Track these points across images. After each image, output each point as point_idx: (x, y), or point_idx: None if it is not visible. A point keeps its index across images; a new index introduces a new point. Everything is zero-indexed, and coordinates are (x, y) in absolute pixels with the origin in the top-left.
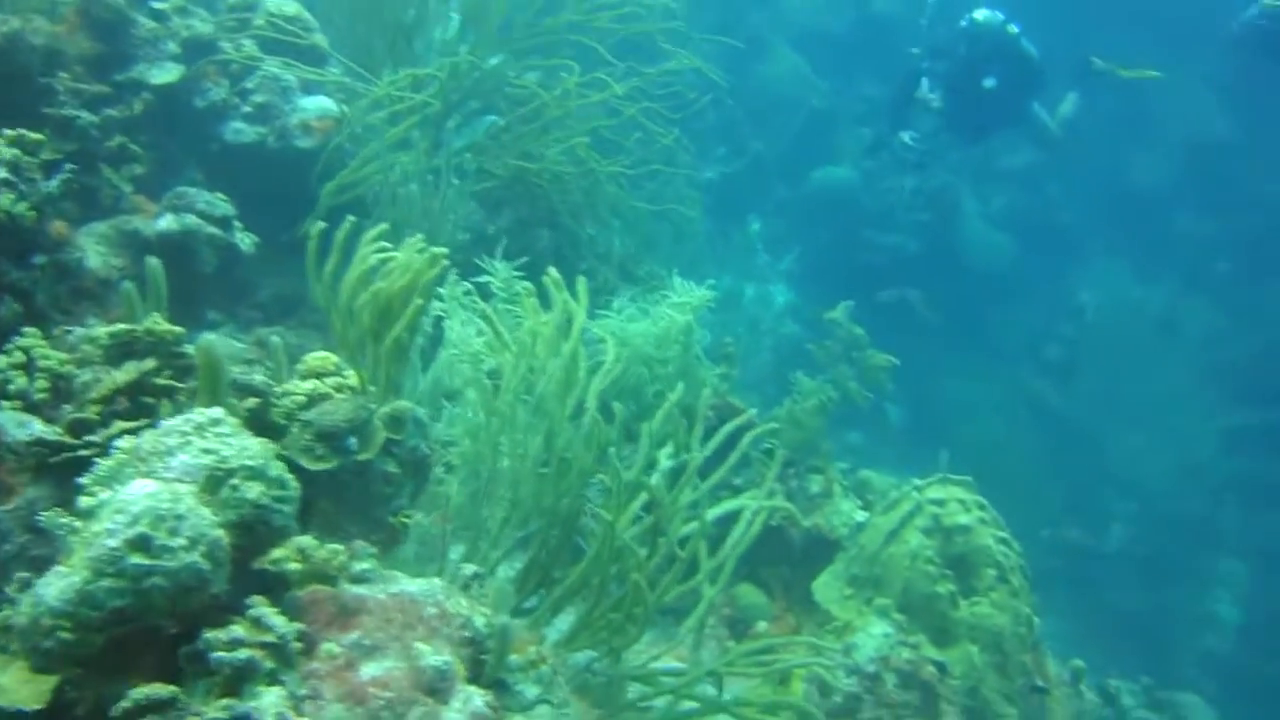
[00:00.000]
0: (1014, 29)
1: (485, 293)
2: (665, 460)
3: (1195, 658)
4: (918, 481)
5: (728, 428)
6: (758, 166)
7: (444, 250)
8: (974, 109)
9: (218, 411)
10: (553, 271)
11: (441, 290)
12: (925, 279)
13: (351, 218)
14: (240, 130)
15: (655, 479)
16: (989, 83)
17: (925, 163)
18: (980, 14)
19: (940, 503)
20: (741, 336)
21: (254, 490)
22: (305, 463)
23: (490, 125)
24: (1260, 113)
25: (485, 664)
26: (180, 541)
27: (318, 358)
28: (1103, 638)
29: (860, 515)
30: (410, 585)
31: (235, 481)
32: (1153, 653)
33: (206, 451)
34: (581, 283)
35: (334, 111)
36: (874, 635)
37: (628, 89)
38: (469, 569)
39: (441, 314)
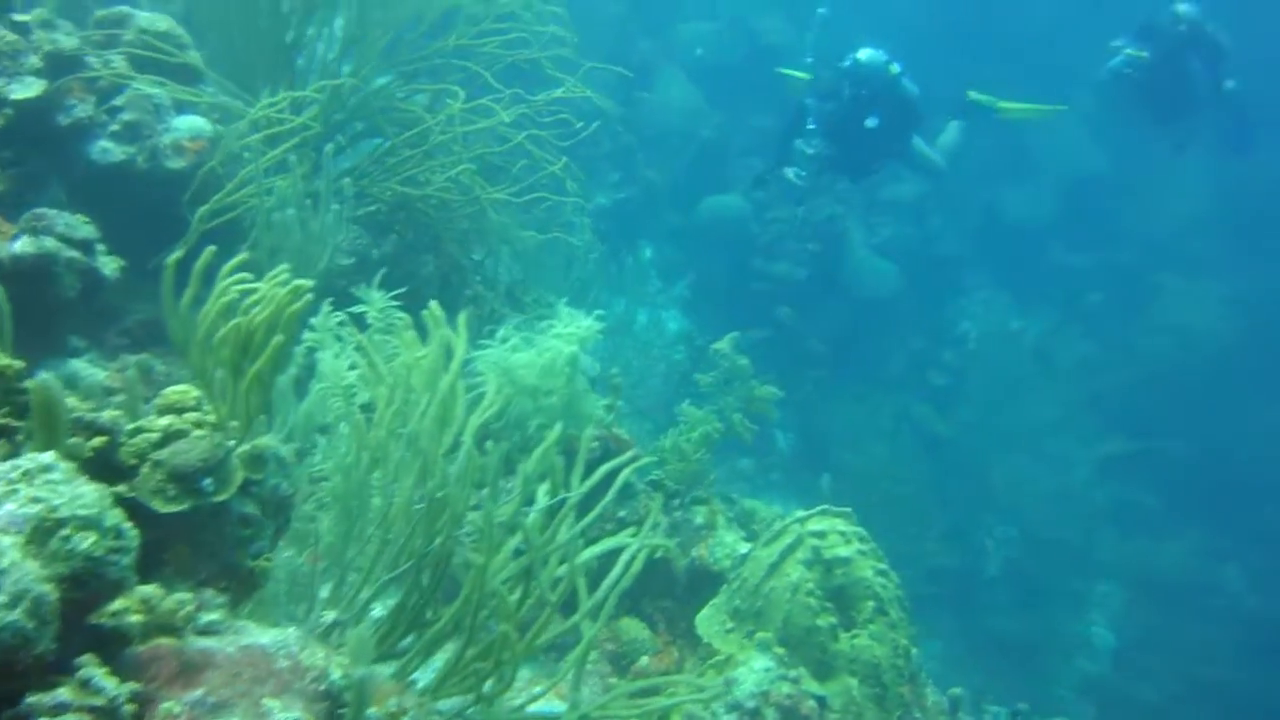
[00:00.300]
0: (896, 68)
1: (363, 322)
2: (544, 497)
3: (1073, 680)
4: (800, 513)
5: (604, 468)
6: (650, 194)
7: (308, 283)
8: (857, 148)
9: (48, 456)
10: (433, 305)
11: (314, 320)
12: (813, 307)
13: (211, 248)
14: (107, 149)
15: (531, 517)
16: (871, 123)
17: (806, 199)
18: (864, 54)
19: (821, 535)
20: (633, 363)
21: (87, 541)
22: (156, 505)
23: (374, 149)
24: (1129, 152)
25: (342, 719)
26: (1, 599)
27: (177, 391)
28: (984, 661)
29: (744, 547)
30: (262, 636)
31: (66, 532)
32: (1032, 676)
33: (35, 500)
34: (463, 317)
35: (208, 132)
36: (755, 670)
37: (515, 115)
38: (329, 616)
39: (314, 345)
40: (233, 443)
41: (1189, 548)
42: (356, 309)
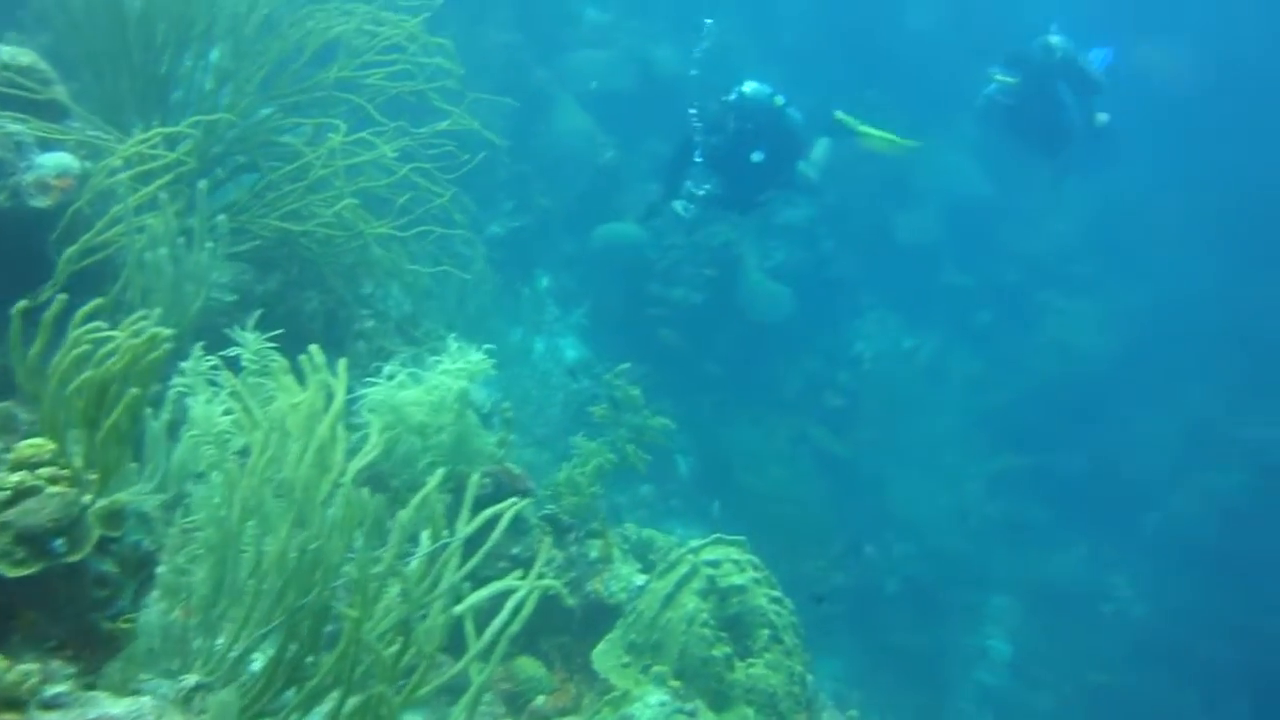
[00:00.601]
0: (780, 100)
1: (240, 364)
2: (426, 543)
3: (971, 692)
4: (694, 543)
5: (487, 512)
6: (546, 222)
7: (166, 331)
8: (743, 182)
9: None
10: (313, 349)
11: (184, 365)
12: (710, 331)
13: (62, 296)
14: None
15: (412, 565)
16: (757, 157)
17: (695, 229)
18: (749, 87)
19: (716, 564)
20: (531, 393)
21: None
22: (3, 570)
23: (254, 183)
24: (1009, 175)
25: None
26: None
27: (31, 445)
28: (886, 677)
29: (640, 579)
30: (114, 707)
31: None
32: (932, 689)
33: None
34: (343, 364)
35: (75, 169)
36: (650, 705)
37: (400, 148)
38: (190, 680)
39: (185, 390)
40: (89, 499)
41: (1078, 558)
42: (233, 350)
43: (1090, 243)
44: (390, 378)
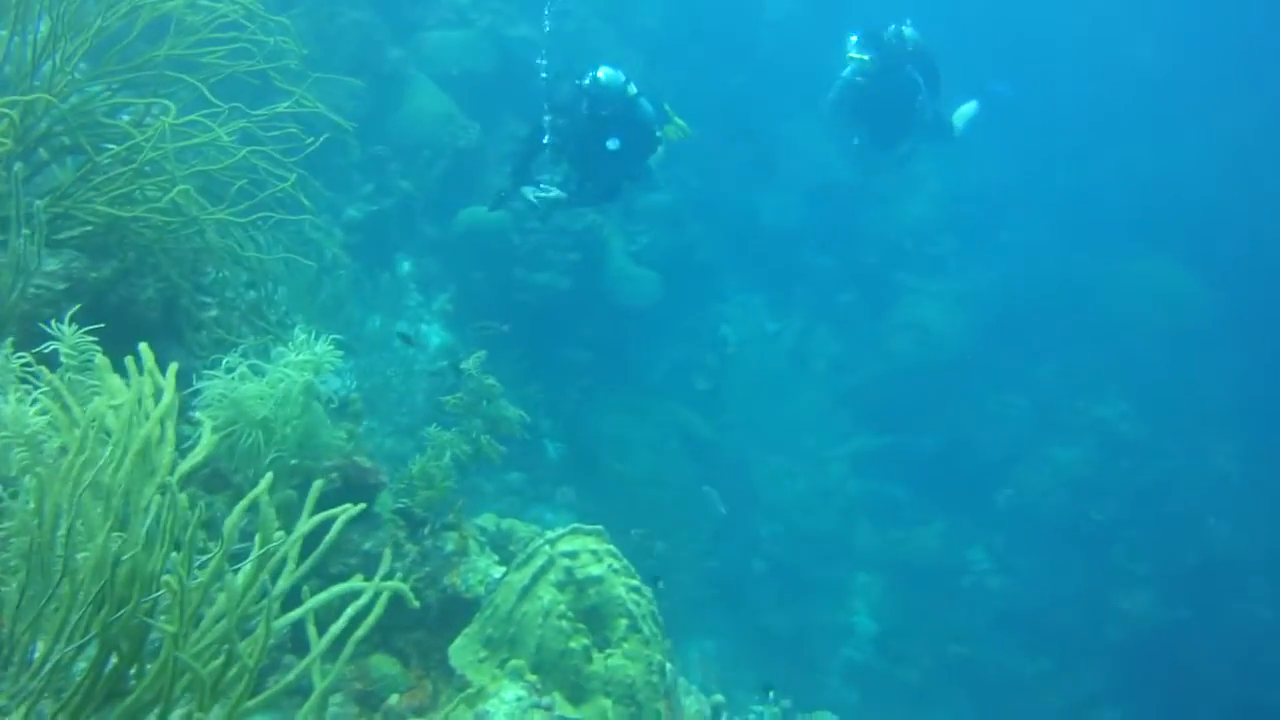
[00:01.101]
0: (634, 89)
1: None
2: (258, 548)
3: (839, 668)
4: (550, 534)
5: (318, 517)
6: (406, 205)
7: None
8: (596, 169)
9: None
10: (143, 346)
11: None
12: (576, 316)
13: None
14: None
15: (240, 577)
16: (613, 144)
17: (549, 216)
18: (603, 73)
19: (573, 554)
20: (393, 380)
21: None
22: None
23: (79, 166)
24: (866, 158)
25: None
26: None
27: None
28: (757, 656)
29: (498, 571)
30: None
31: None
32: (802, 667)
33: None
34: (173, 368)
35: None
36: (506, 700)
37: (241, 130)
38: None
39: None
40: None
41: (937, 534)
42: (54, 345)
43: (945, 223)
44: (230, 370)
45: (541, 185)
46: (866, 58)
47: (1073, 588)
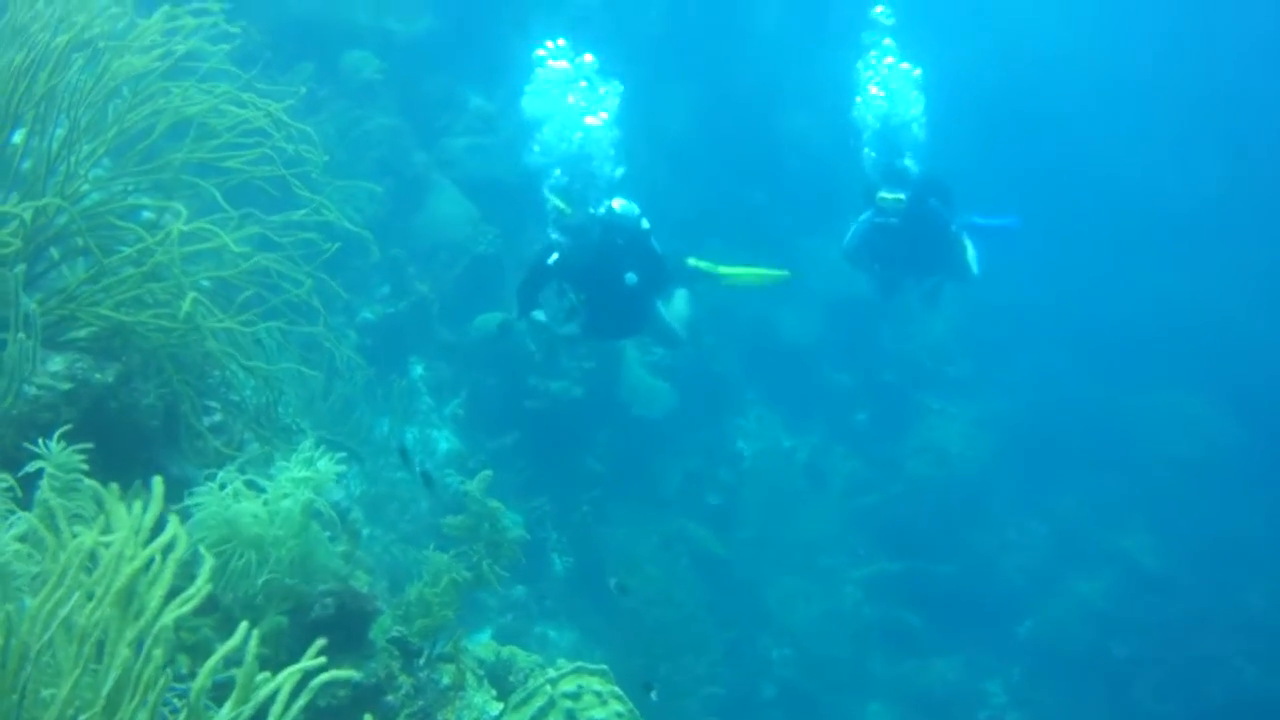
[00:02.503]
0: (647, 224)
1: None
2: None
3: None
4: (552, 672)
5: (286, 676)
6: (422, 308)
7: None
8: (608, 301)
9: None
10: (157, 481)
11: None
12: (589, 425)
13: None
14: None
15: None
16: (631, 278)
17: (556, 348)
18: (619, 203)
19: (575, 695)
20: (399, 486)
21: None
22: None
23: (88, 268)
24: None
25: None
26: None
27: None
28: None
29: (495, 708)
30: None
31: None
32: None
33: None
34: (158, 482)
35: None
36: None
37: (257, 235)
38: None
39: None
40: None
41: (953, 665)
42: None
43: (964, 345)
44: (224, 486)
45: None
46: (902, 196)
47: None
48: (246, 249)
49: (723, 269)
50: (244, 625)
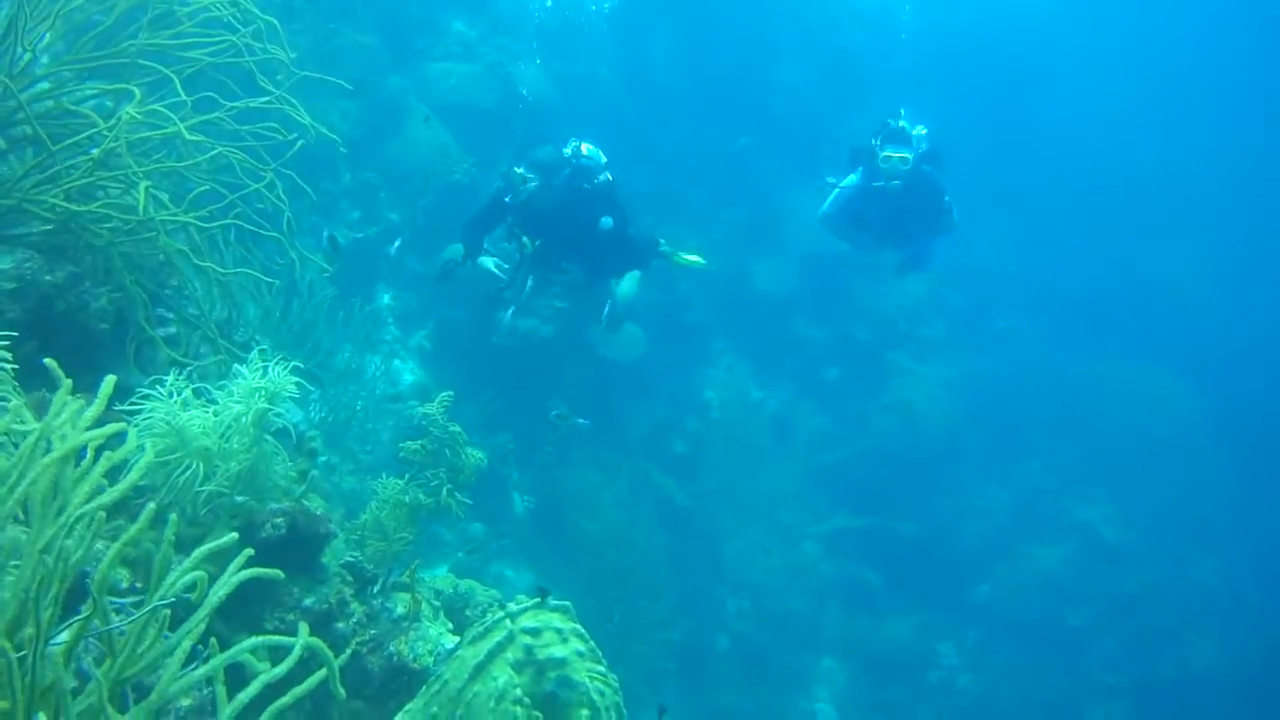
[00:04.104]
0: (610, 177)
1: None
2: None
3: None
4: (512, 606)
5: (231, 578)
6: (392, 236)
7: None
8: (574, 247)
9: None
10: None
11: None
12: (558, 366)
13: None
14: None
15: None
16: (606, 223)
17: (510, 301)
18: (586, 147)
19: (535, 632)
20: (358, 415)
21: None
22: None
23: (36, 155)
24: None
25: None
26: None
27: None
28: None
29: (450, 640)
30: None
31: None
32: None
33: None
34: (108, 381)
35: None
36: None
37: (210, 125)
38: None
39: None
40: None
41: (908, 624)
42: None
43: (938, 306)
44: (175, 392)
45: (499, 263)
46: (908, 155)
47: (1044, 693)
48: (203, 138)
49: (678, 257)
50: (173, 519)
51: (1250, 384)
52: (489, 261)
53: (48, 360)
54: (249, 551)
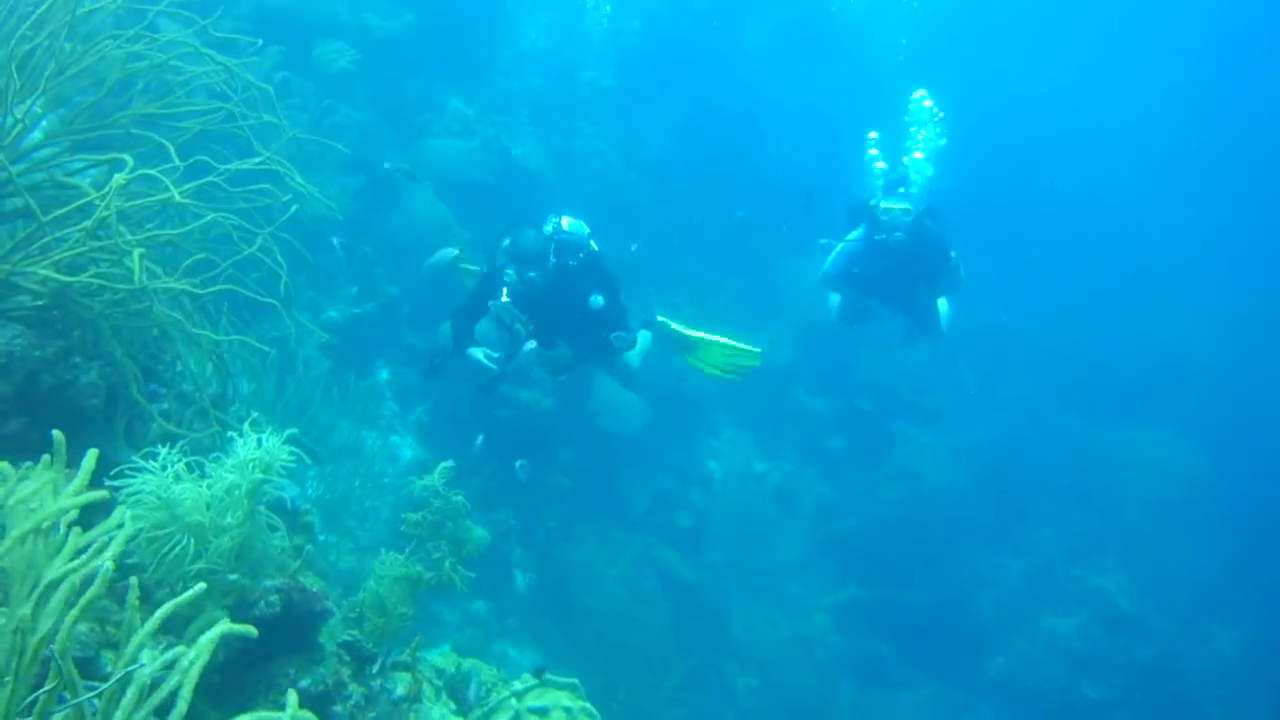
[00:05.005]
0: (596, 245)
1: None
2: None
3: None
4: (518, 685)
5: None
6: (391, 311)
7: None
8: (566, 327)
9: None
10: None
11: None
12: (558, 439)
13: None
14: None
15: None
16: (597, 301)
17: (496, 386)
18: (567, 221)
19: (543, 711)
20: (356, 493)
21: None
22: None
23: (27, 227)
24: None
25: None
26: None
27: None
28: None
29: None
30: None
31: None
32: None
33: None
34: (90, 455)
35: None
36: None
37: (199, 191)
38: None
39: None
40: None
41: (923, 699)
42: None
43: (943, 374)
44: (166, 466)
45: (489, 353)
46: (909, 207)
47: None
48: (196, 203)
49: (690, 332)
50: (134, 581)
51: (1260, 448)
52: (478, 352)
53: (55, 432)
54: (226, 621)
